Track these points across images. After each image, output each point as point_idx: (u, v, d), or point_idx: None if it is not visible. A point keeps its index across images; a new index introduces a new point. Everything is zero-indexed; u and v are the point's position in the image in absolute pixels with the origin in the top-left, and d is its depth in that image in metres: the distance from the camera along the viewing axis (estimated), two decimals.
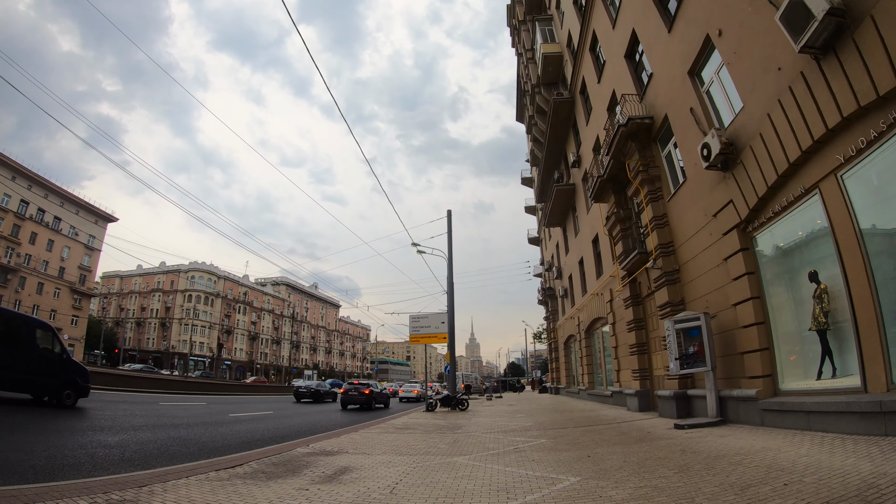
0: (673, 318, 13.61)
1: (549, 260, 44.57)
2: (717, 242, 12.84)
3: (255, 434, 14.15)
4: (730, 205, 12.09)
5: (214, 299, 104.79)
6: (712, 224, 13.08)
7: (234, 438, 12.89)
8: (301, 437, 13.36)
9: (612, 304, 22.72)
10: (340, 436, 13.37)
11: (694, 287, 14.58)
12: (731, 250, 12.18)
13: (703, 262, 13.81)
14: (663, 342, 15.71)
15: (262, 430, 15.23)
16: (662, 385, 16.93)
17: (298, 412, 25.17)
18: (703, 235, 13.67)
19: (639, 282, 19.00)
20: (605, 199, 21.19)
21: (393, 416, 22.72)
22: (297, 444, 11.39)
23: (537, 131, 36.36)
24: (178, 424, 15.31)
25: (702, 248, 13.83)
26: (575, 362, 35.34)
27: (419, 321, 27.35)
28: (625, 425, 14.16)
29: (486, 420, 18.84)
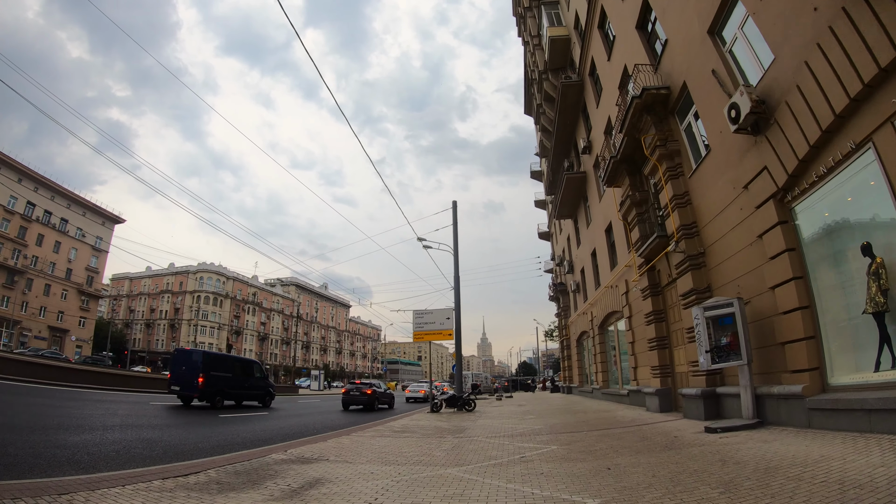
0: (702, 304, 11.99)
1: (559, 254, 42.90)
2: (750, 217, 11.27)
3: (238, 436, 13.08)
4: (764, 172, 10.54)
5: (223, 300, 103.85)
6: (743, 197, 11.53)
7: (211, 440, 11.80)
8: (287, 440, 12.22)
9: (628, 297, 21.11)
10: (328, 440, 12.09)
11: (722, 271, 12.99)
12: (766, 225, 10.59)
13: (733, 242, 12.23)
14: (688, 334, 14.17)
15: (248, 432, 14.17)
16: (687, 382, 15.33)
17: (297, 412, 23.97)
18: (733, 211, 12.11)
19: (658, 270, 17.42)
20: (618, 182, 19.65)
21: (394, 417, 21.27)
22: (275, 448, 10.19)
23: (545, 120, 34.88)
24: (158, 424, 14.37)
25: (731, 226, 12.27)
26: (588, 360, 33.64)
27: (423, 317, 25.80)
28: (646, 428, 12.60)
29: (492, 422, 17.38)
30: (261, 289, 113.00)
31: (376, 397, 27.75)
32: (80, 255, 79.68)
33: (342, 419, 20.93)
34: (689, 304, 14.09)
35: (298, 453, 9.50)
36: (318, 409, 28.01)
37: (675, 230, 14.62)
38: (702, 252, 14.02)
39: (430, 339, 25.61)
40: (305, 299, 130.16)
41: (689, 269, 14.16)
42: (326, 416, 22.73)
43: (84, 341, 79.13)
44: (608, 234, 24.71)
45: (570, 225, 36.14)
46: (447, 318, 25.10)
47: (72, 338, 76.62)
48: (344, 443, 11.55)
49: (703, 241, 14.03)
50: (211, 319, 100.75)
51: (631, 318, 20.90)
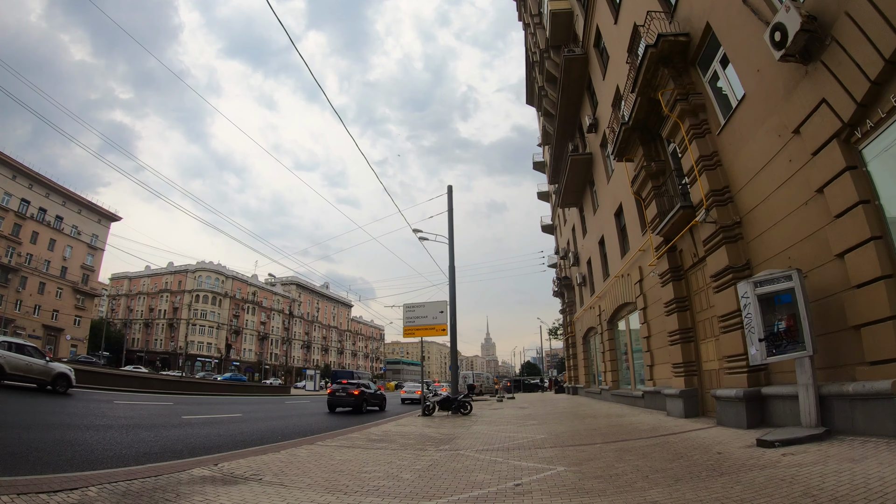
0: (752, 279, 9.36)
1: (564, 247, 40.19)
2: (804, 169, 8.81)
3: (180, 442, 11.19)
4: (821, 108, 8.12)
5: (222, 299, 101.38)
6: (793, 145, 9.10)
7: (144, 446, 10.13)
8: (237, 448, 10.43)
9: (643, 285, 18.54)
10: (282, 450, 9.79)
11: (766, 242, 10.44)
12: (828, 174, 8.12)
13: (781, 204, 9.71)
14: (722, 322, 11.66)
15: (195, 437, 12.23)
16: (718, 381, 12.78)
17: (271, 416, 21.50)
18: (779, 165, 9.64)
19: (679, 250, 14.83)
20: (630, 153, 17.16)
21: (380, 421, 18.77)
22: (204, 461, 8.22)
23: (548, 104, 32.46)
24: (95, 426, 12.52)
25: (776, 185, 9.78)
26: (596, 358, 30.86)
27: (414, 311, 23.13)
28: (675, 440, 10.00)
29: (487, 429, 14.89)
30: (260, 288, 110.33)
31: (364, 398, 25.27)
32: (76, 253, 77.47)
33: (320, 423, 18.65)
34: (722, 285, 11.60)
35: (230, 469, 7.50)
36: (302, 411, 25.71)
37: (703, 197, 12.06)
38: (737, 222, 11.49)
39: (421, 335, 22.97)
40: (306, 298, 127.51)
41: (722, 242, 11.59)
42: (305, 419, 20.46)
43: (79, 340, 77.05)
44: (618, 217, 22.13)
45: (575, 214, 33.54)
46: (440, 312, 22.45)
47: (66, 337, 74.52)
48: (299, 455, 9.27)
49: (739, 209, 11.52)
50: (210, 319, 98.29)
51: (646, 310, 18.32)
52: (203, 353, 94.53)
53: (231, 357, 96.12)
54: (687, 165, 13.11)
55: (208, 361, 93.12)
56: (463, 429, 15.14)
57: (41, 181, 71.08)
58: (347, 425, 16.75)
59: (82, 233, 77.84)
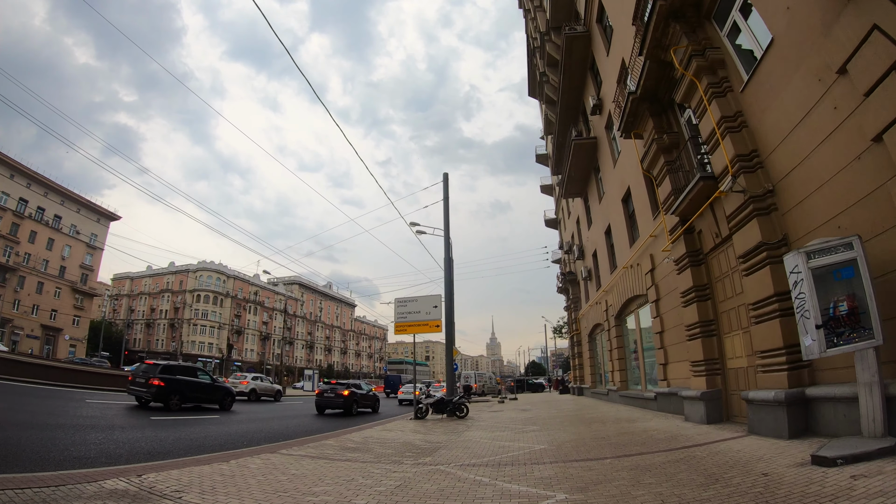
0: (804, 248, 7.42)
1: (568, 241, 38.10)
2: (855, 115, 7.03)
3: (127, 445, 10.16)
4: (874, 35, 6.38)
5: (224, 299, 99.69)
6: (838, 88, 7.34)
7: (81, 448, 9.20)
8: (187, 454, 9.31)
9: (655, 275, 16.67)
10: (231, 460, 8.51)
11: (807, 211, 8.61)
12: (887, 116, 6.32)
13: (824, 162, 7.92)
14: (754, 311, 9.78)
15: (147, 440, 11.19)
16: (747, 382, 10.93)
17: (254, 417, 20.06)
18: (821, 115, 7.85)
19: (698, 231, 12.95)
20: (639, 127, 15.32)
21: (364, 425, 17.04)
22: (129, 470, 7.09)
23: (550, 90, 30.53)
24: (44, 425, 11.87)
25: (819, 140, 7.98)
26: (602, 357, 28.89)
27: (406, 305, 21.28)
28: (702, 454, 8.12)
29: (481, 436, 13.08)
30: (262, 287, 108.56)
31: (354, 400, 23.55)
32: (74, 252, 75.93)
33: (300, 426, 17.29)
34: (754, 266, 9.75)
35: (152, 482, 6.28)
36: (289, 412, 24.02)
37: (728, 163, 10.20)
38: (770, 190, 9.62)
39: (414, 331, 21.12)
40: (309, 298, 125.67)
41: (752, 215, 9.73)
42: (288, 421, 19.02)
43: (78, 340, 75.47)
44: (626, 203, 20.25)
45: (579, 205, 31.59)
46: (434, 307, 20.60)
47: (65, 337, 73.03)
48: (249, 467, 7.93)
49: (771, 176, 9.68)
50: (211, 319, 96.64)
51: (658, 302, 16.43)
52: (205, 353, 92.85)
53: (233, 357, 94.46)
54: (706, 131, 11.27)
55: (210, 361, 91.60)
56: (454, 435, 13.40)
57: (39, 180, 69.61)
58: (328, 429, 15.43)
59: (81, 232, 76.30)
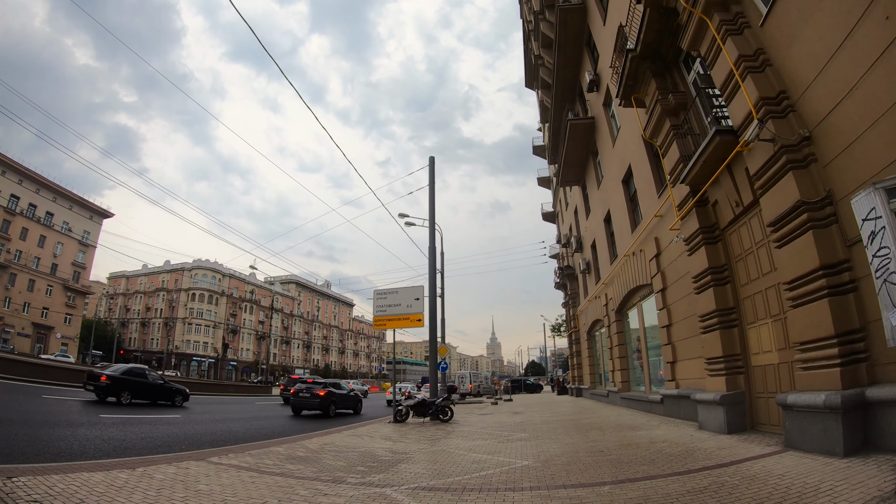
0: (882, 184, 5.08)
1: (566, 233, 35.77)
2: None
3: (36, 444, 9.13)
4: None
5: (219, 298, 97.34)
6: None
7: None
8: (107, 457, 8.42)
9: (661, 261, 14.49)
10: (139, 467, 7.28)
11: (856, 158, 6.59)
12: None
13: (877, 92, 6.02)
14: (791, 291, 7.64)
15: (70, 439, 10.05)
16: (778, 381, 8.78)
17: (218, 418, 18.44)
18: (868, 33, 6.06)
19: (714, 201, 10.75)
20: (641, 90, 13.17)
21: (333, 429, 15.02)
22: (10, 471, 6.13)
23: (545, 73, 28.53)
24: None
25: (867, 64, 6.10)
26: (602, 355, 26.58)
27: (385, 298, 19.02)
28: (733, 480, 5.96)
29: (458, 446, 11.01)
30: (259, 286, 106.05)
31: (332, 400, 21.39)
32: (66, 249, 73.89)
33: (262, 427, 15.59)
34: (790, 234, 7.63)
35: (17, 487, 5.34)
36: (264, 413, 22.18)
37: (752, 107, 8.11)
38: (806, 137, 7.52)
39: (394, 326, 18.86)
40: (307, 297, 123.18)
41: (787, 169, 7.63)
42: (253, 423, 17.16)
43: (70, 339, 73.33)
44: (626, 184, 18.07)
45: (577, 195, 29.37)
46: (416, 299, 18.36)
47: (56, 335, 70.95)
48: (156, 477, 6.71)
49: (805, 120, 7.60)
50: (206, 318, 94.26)
51: (665, 292, 14.25)
52: (199, 352, 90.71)
53: (228, 357, 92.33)
54: (720, 77, 9.16)
55: (204, 361, 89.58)
56: (427, 444, 11.39)
57: (31, 177, 67.63)
58: (291, 433, 14.17)
59: (73, 229, 74.27)
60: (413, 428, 15.40)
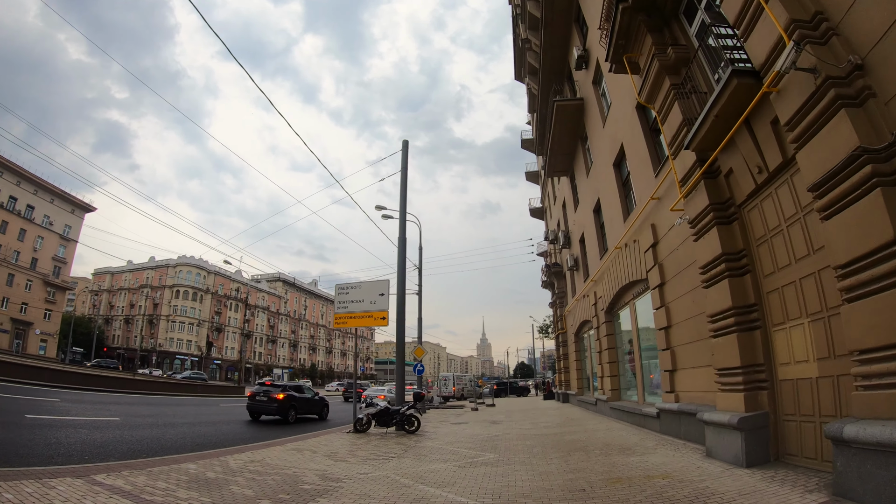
0: None
1: (553, 229, 33.30)
2: None
3: None
4: None
5: (204, 295, 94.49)
6: None
7: None
8: None
9: (658, 251, 12.24)
10: None
11: None
12: None
13: None
14: (845, 280, 5.38)
15: None
16: (817, 402, 6.52)
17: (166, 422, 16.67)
18: None
19: (728, 171, 8.44)
20: (634, 49, 10.83)
21: (279, 440, 12.81)
22: None
23: (532, 57, 26.28)
24: None
25: None
26: (591, 359, 24.14)
27: (348, 293, 16.62)
28: None
29: (409, 470, 8.75)
30: (245, 284, 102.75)
31: (292, 405, 19.27)
32: (47, 244, 71.07)
33: (199, 435, 13.89)
34: (846, 196, 5.39)
35: None
36: (215, 418, 19.90)
37: (782, 31, 5.98)
38: (858, 65, 5.42)
39: (356, 324, 16.50)
40: (293, 296, 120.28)
41: (836, 108, 5.51)
42: (195, 429, 15.40)
43: (49, 335, 70.55)
44: (618, 168, 15.83)
45: (565, 186, 27.08)
46: (381, 295, 16.01)
47: (36, 331, 68.25)
48: None
49: (854, 45, 5.56)
50: (190, 315, 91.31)
51: (663, 288, 11.98)
52: (183, 350, 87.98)
53: (212, 355, 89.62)
54: (734, 8, 6.97)
55: (188, 359, 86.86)
56: (373, 465, 9.20)
57: (12, 169, 64.88)
58: (229, 443, 12.53)
59: (54, 223, 71.61)
60: (370, 441, 13.14)
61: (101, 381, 31.58)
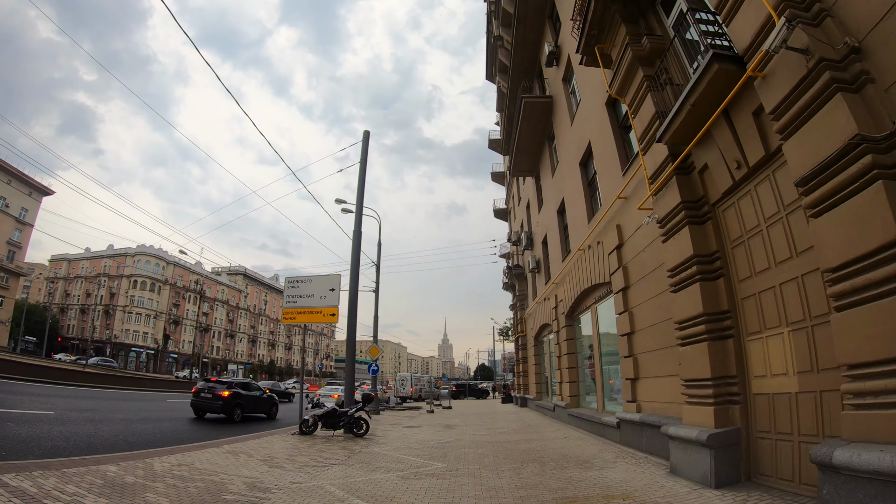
0: None
1: (517, 230, 32.69)
2: None
3: None
4: None
5: (162, 286, 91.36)
6: None
7: None
8: None
9: (623, 253, 11.56)
10: None
11: None
12: None
13: None
14: (836, 285, 4.63)
15: None
16: (794, 419, 5.83)
17: (97, 417, 15.30)
18: None
19: (702, 167, 7.79)
20: (607, 40, 10.19)
21: (215, 441, 11.71)
22: None
23: (503, 54, 25.65)
24: None
25: None
26: (550, 364, 23.49)
27: (297, 287, 15.63)
28: None
29: (346, 481, 7.80)
30: (204, 276, 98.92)
31: (237, 403, 18.14)
32: (2, 227, 67.61)
33: (132, 433, 12.76)
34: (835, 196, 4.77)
35: None
36: (156, 415, 18.72)
37: (770, 10, 5.42)
38: (854, 48, 4.83)
39: (305, 320, 15.58)
40: (254, 290, 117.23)
41: (830, 92, 4.84)
42: (132, 425, 14.40)
43: (1, 322, 67.23)
44: (585, 167, 15.18)
45: (530, 187, 26.45)
46: (331, 290, 15.08)
47: None
48: None
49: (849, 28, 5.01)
50: (148, 306, 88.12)
51: (627, 292, 11.28)
52: (139, 342, 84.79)
53: (169, 349, 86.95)
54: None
55: (143, 352, 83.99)
56: (308, 473, 8.23)
57: None
58: (164, 442, 11.46)
59: (10, 205, 68.27)
60: (314, 444, 12.19)
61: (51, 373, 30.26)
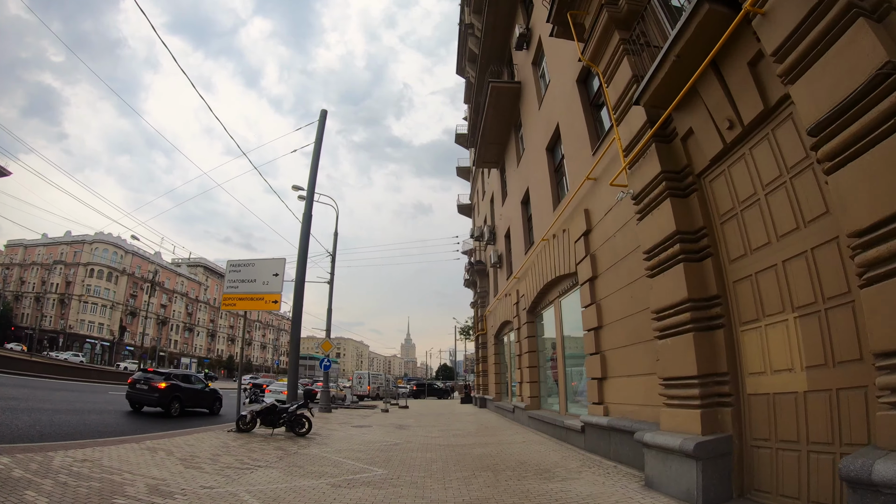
0: None
1: (479, 225, 31.55)
2: None
3: None
4: None
5: (119, 276, 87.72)
6: None
7: None
8: None
9: (590, 240, 10.39)
10: None
11: None
12: None
13: None
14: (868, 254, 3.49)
15: None
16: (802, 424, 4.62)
17: (23, 406, 14.06)
18: None
19: (685, 133, 6.63)
20: (580, 6, 9.00)
21: (136, 436, 10.22)
22: None
23: (473, 42, 24.44)
24: None
25: None
26: (510, 363, 22.31)
27: (239, 271, 14.09)
28: None
29: (270, 488, 6.50)
30: (163, 267, 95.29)
31: (175, 396, 16.50)
32: None
33: (55, 424, 11.59)
34: (862, 142, 3.57)
35: None
36: (90, 406, 17.08)
37: None
38: None
39: (245, 307, 14.10)
40: (214, 283, 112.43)
41: (850, 17, 3.75)
42: (57, 416, 12.96)
43: None
44: (552, 152, 14.06)
45: (495, 180, 25.26)
46: (275, 275, 13.62)
47: None
48: None
49: None
50: (104, 297, 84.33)
51: (595, 282, 10.13)
52: (94, 334, 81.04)
53: (125, 341, 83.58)
54: None
55: (98, 344, 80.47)
56: (223, 478, 6.87)
57: None
58: (83, 435, 10.18)
59: None
60: (248, 443, 10.77)
61: None
